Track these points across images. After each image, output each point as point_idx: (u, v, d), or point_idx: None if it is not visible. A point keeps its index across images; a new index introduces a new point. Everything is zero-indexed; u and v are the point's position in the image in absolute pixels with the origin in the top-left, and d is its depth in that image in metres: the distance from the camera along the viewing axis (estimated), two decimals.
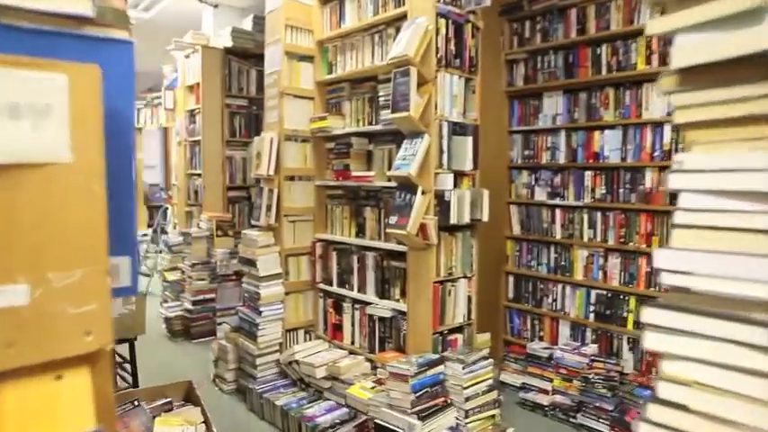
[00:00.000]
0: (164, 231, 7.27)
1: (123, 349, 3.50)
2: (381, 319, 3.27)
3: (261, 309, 3.52)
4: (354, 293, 3.48)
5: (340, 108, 3.62)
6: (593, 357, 3.21)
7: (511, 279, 4.01)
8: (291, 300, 3.73)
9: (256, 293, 3.56)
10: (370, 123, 3.38)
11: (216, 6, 5.48)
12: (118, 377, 3.74)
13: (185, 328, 5.01)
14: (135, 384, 3.40)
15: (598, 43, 3.45)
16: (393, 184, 3.07)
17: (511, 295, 4.01)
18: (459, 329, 3.12)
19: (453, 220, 2.91)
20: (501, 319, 4.03)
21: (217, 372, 3.91)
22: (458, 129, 2.99)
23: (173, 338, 5.01)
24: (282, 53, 3.54)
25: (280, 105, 3.57)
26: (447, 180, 2.91)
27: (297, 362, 3.43)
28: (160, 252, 6.30)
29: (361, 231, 3.52)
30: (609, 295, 3.41)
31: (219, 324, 4.38)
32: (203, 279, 4.98)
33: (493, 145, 3.89)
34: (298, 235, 3.74)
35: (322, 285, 3.73)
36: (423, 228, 2.82)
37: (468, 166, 2.97)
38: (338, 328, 3.64)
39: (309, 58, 3.69)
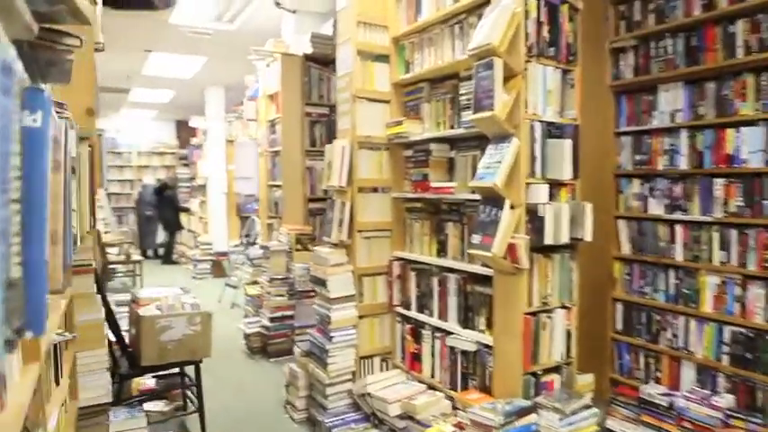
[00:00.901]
0: (251, 243, 7.25)
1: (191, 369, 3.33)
2: (464, 353, 2.84)
3: (331, 334, 3.21)
4: (434, 320, 3.08)
5: (418, 111, 3.25)
6: (729, 412, 2.57)
7: (619, 307, 3.41)
8: (366, 324, 3.39)
9: (327, 317, 3.25)
10: (452, 127, 2.98)
11: (294, 12, 5.32)
12: (186, 400, 3.59)
13: (263, 345, 4.84)
14: (200, 408, 3.20)
15: (731, 20, 2.82)
16: (478, 196, 2.65)
17: (619, 326, 3.41)
18: (555, 369, 2.62)
19: (549, 240, 2.43)
20: (607, 355, 3.44)
21: (288, 397, 3.65)
22: (553, 130, 2.51)
23: (251, 356, 4.85)
24: (354, 53, 3.22)
25: (352, 110, 3.26)
26: (540, 192, 2.44)
27: (369, 394, 3.08)
28: (242, 264, 6.24)
29: (442, 250, 3.12)
30: (750, 335, 2.74)
31: (298, 342, 4.14)
32: (281, 295, 4.78)
33: (596, 149, 3.34)
34: (373, 252, 3.40)
35: (400, 309, 3.36)
36: (511, 249, 2.37)
37: (566, 174, 2.48)
38: (417, 358, 3.24)
39: (384, 58, 3.35)
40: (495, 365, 2.60)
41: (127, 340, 3.20)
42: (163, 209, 10.29)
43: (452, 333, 2.92)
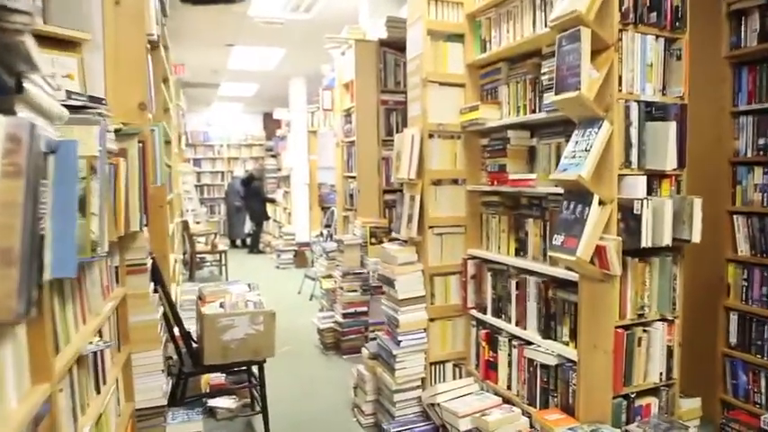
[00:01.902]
0: (330, 235, 7.18)
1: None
2: (544, 366, 2.51)
3: (399, 337, 2.99)
4: (512, 327, 2.77)
5: (496, 95, 2.93)
6: None
7: (734, 318, 2.91)
8: (437, 327, 3.14)
9: (395, 319, 3.03)
10: (533, 111, 2.64)
11: None
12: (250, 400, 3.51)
13: (336, 341, 4.71)
14: (264, 408, 3.10)
15: None
16: (562, 189, 2.31)
17: (734, 340, 2.92)
18: (653, 392, 2.24)
19: (646, 242, 2.06)
20: (718, 373, 2.96)
21: (356, 401, 3.48)
22: (654, 111, 2.12)
23: (324, 351, 4.74)
24: (425, 33, 2.95)
25: (423, 96, 3.00)
26: (637, 185, 2.06)
27: (439, 405, 2.83)
28: (320, 256, 6.16)
29: (522, 249, 2.79)
30: None
31: (371, 340, 3.97)
32: (354, 290, 4.62)
33: (707, 133, 2.86)
34: (446, 250, 3.13)
35: (474, 312, 3.07)
36: (600, 252, 2.02)
37: (669, 163, 2.09)
38: (492, 366, 2.95)
39: (458, 37, 3.05)
40: (580, 384, 2.26)
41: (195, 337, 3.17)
42: (250, 200, 10.53)
43: (531, 343, 2.61)
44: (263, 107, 13.02)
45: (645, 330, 2.19)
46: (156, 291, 2.82)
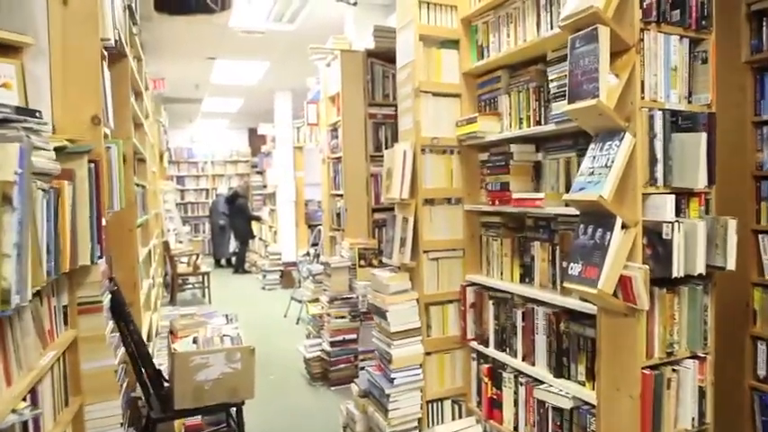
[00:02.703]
0: (317, 255, 6.88)
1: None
2: (557, 408, 2.23)
3: (392, 375, 2.69)
4: (518, 362, 2.48)
5: (495, 105, 2.67)
6: None
7: (762, 348, 2.64)
8: (434, 361, 2.84)
9: (387, 354, 2.73)
10: (538, 123, 2.38)
11: (355, 4, 4.86)
12: None
13: (324, 371, 4.39)
14: None
15: None
16: (574, 210, 2.04)
17: (762, 372, 2.65)
18: None
19: (678, 271, 1.79)
20: (745, 410, 2.68)
21: None
22: (680, 121, 1.87)
23: (311, 382, 4.41)
24: (416, 39, 2.70)
25: (415, 107, 2.73)
26: (665, 205, 1.80)
27: None
28: (306, 278, 5.85)
29: (527, 275, 2.52)
30: None
31: (361, 369, 3.67)
32: (343, 317, 4.31)
33: (726, 144, 2.60)
34: (442, 276, 2.85)
35: (475, 344, 2.78)
36: (624, 284, 1.75)
37: (700, 180, 1.83)
38: (496, 404, 2.66)
39: (453, 44, 2.80)
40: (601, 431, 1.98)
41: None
42: (234, 218, 10.20)
43: (542, 382, 2.32)
44: (249, 123, 12.73)
45: (674, 370, 1.92)
46: (119, 328, 2.52)
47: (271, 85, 8.74)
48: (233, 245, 10.83)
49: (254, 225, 10.53)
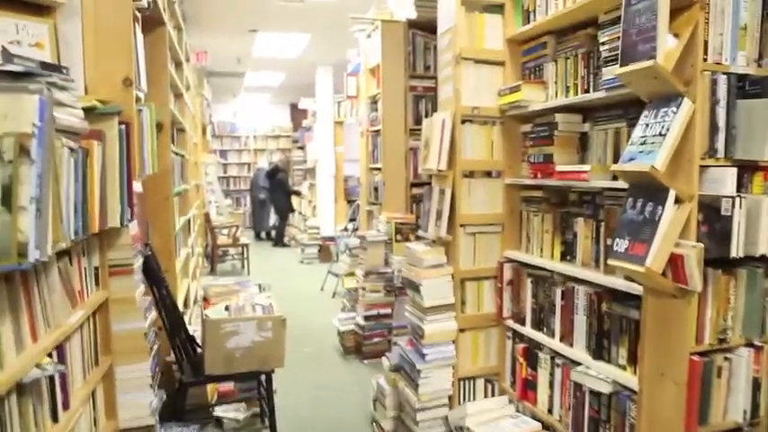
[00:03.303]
0: (355, 229, 6.85)
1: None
2: (594, 393, 2.12)
3: (424, 350, 2.62)
4: (555, 343, 2.38)
5: (541, 73, 2.53)
6: None
7: None
8: (468, 339, 2.76)
9: (419, 329, 2.67)
10: (586, 91, 2.23)
11: None
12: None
13: (357, 344, 4.37)
14: (272, 423, 2.78)
15: None
16: (622, 184, 1.91)
17: None
18: None
19: (737, 251, 1.65)
20: None
21: (375, 415, 3.13)
22: (747, 87, 1.70)
23: (344, 355, 4.41)
24: (458, 2, 2.56)
25: (456, 75, 2.61)
26: (725, 178, 1.65)
27: (468, 429, 2.47)
28: (343, 252, 5.83)
29: (568, 253, 2.40)
30: None
31: (395, 345, 3.63)
32: (378, 291, 4.27)
33: None
34: (479, 252, 2.75)
35: (511, 323, 2.68)
36: (675, 262, 1.62)
37: (766, 153, 1.66)
38: (530, 385, 2.56)
39: (497, 8, 2.65)
40: (642, 419, 1.86)
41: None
42: (274, 192, 10.28)
43: (579, 363, 2.21)
44: (291, 98, 12.74)
45: (726, 358, 1.78)
46: (153, 293, 2.53)
47: (312, 59, 8.69)
48: (273, 218, 10.94)
49: (294, 199, 10.59)
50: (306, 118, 10.70)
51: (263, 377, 2.83)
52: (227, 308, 2.84)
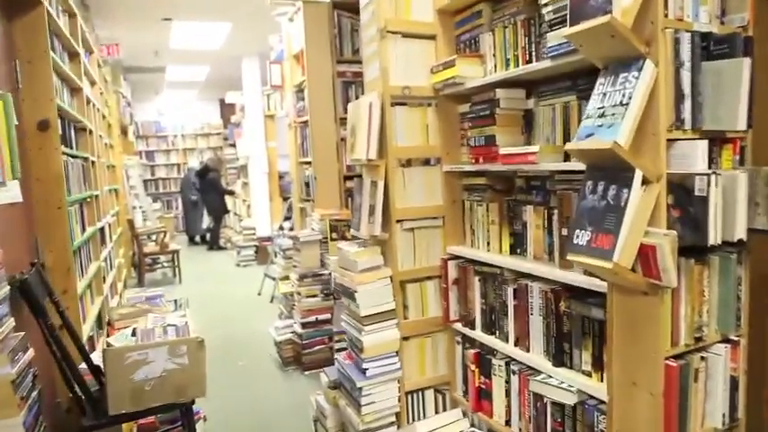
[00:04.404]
0: (291, 229, 6.46)
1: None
2: (558, 404, 1.87)
3: (365, 365, 2.31)
4: (509, 348, 2.12)
5: (477, 46, 2.25)
6: None
7: None
8: (413, 347, 2.47)
9: (357, 341, 2.36)
10: (527, 61, 1.97)
11: None
12: None
13: (296, 354, 4.02)
14: None
15: None
16: (577, 166, 1.66)
17: None
18: None
19: (715, 238, 1.42)
20: None
21: None
22: (712, 47, 1.47)
23: (283, 367, 4.04)
24: None
25: (382, 51, 2.30)
26: (695, 153, 1.41)
27: None
28: (277, 254, 5.44)
29: (518, 246, 2.14)
30: None
31: (339, 350, 3.32)
32: (314, 295, 3.93)
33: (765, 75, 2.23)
34: (419, 249, 2.46)
35: (459, 326, 2.41)
36: (646, 254, 1.37)
37: (740, 121, 1.44)
38: (485, 395, 2.30)
39: None
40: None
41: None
42: (206, 193, 9.71)
43: (537, 371, 1.96)
44: (219, 93, 12.11)
45: (702, 358, 1.56)
46: (38, 324, 2.10)
47: (236, 50, 8.18)
48: (206, 221, 10.36)
49: (228, 199, 10.05)
50: (234, 113, 10.15)
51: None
52: (133, 332, 2.44)
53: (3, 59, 2.42)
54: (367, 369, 2.31)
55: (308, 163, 4.32)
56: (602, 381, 1.72)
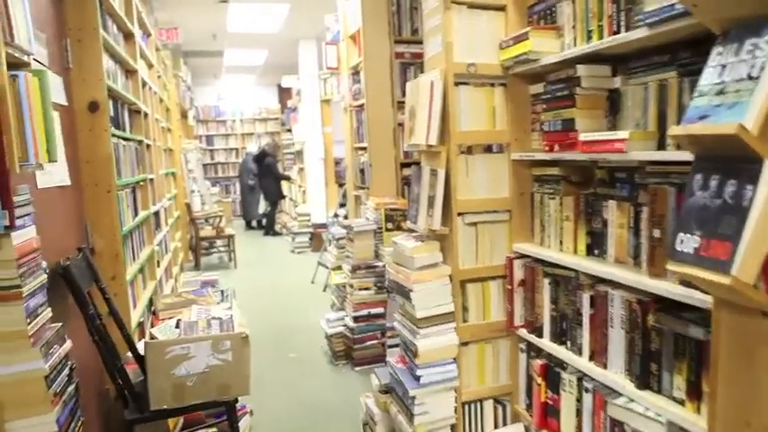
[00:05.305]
0: (346, 216, 6.32)
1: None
2: None
3: (419, 372, 2.12)
4: (583, 362, 1.87)
5: (553, 18, 1.98)
6: None
7: None
8: (472, 353, 2.26)
9: (412, 344, 2.16)
10: (615, 32, 1.68)
11: None
12: None
13: (347, 349, 3.87)
14: None
15: None
16: (676, 155, 1.38)
17: None
18: None
19: None
20: None
21: None
22: None
23: (333, 361, 3.90)
24: None
25: (445, 24, 2.06)
26: None
27: None
28: (329, 243, 5.30)
29: (596, 246, 1.88)
30: None
31: (391, 347, 3.13)
32: (367, 288, 3.76)
33: None
34: (482, 246, 2.23)
35: (524, 333, 2.17)
36: None
37: None
38: (552, 411, 2.06)
39: None
40: None
41: None
42: (263, 178, 9.75)
43: (615, 391, 1.70)
44: (277, 78, 12.11)
45: None
46: (82, 312, 2.02)
47: (294, 33, 8.08)
48: (263, 206, 10.42)
49: (284, 185, 10.05)
50: (291, 98, 10.11)
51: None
52: (177, 324, 2.33)
53: (53, 38, 2.34)
54: (421, 376, 2.11)
55: (364, 149, 4.14)
56: (698, 412, 1.45)
